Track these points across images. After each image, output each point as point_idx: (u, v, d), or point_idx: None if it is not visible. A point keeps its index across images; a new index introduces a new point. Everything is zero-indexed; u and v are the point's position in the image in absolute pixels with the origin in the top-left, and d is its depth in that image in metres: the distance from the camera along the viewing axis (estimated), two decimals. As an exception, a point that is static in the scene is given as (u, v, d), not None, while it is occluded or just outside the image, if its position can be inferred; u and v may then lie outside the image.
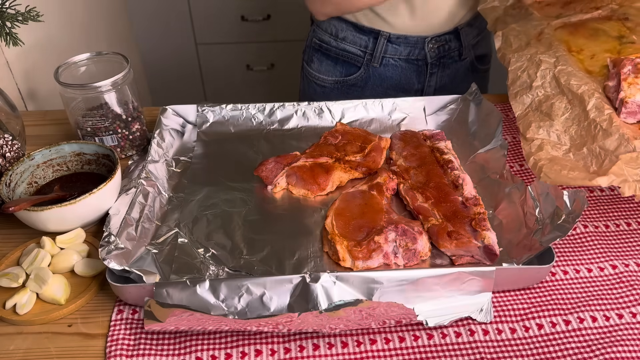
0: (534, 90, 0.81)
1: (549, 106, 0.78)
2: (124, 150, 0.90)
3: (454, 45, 1.10)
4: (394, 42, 1.07)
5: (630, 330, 0.63)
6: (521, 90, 0.82)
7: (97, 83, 0.83)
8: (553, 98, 0.79)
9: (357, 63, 1.11)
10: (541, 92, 0.81)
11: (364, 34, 1.08)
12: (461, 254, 0.71)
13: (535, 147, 0.75)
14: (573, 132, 0.75)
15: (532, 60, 0.84)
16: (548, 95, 0.80)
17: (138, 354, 0.62)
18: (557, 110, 0.78)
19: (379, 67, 1.11)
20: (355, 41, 1.09)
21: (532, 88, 0.81)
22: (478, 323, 0.65)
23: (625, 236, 0.76)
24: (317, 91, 1.18)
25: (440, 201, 0.76)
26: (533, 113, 0.79)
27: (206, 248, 0.73)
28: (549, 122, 0.77)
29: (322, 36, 1.13)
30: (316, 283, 0.62)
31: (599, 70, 0.81)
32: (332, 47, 1.12)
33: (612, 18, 0.89)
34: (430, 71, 1.12)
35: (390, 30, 1.07)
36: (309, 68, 1.18)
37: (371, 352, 0.62)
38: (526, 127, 0.78)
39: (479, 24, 1.13)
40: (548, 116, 0.78)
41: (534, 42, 0.88)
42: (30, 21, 0.81)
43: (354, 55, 1.11)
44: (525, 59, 0.85)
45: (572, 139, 0.75)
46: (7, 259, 0.72)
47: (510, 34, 0.91)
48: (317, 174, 0.82)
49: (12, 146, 0.80)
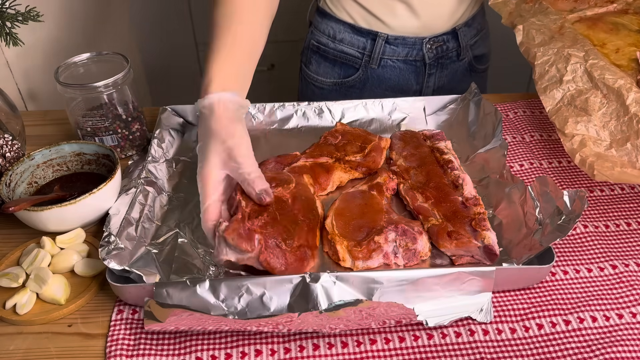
0: (564, 84, 0.80)
1: (584, 101, 0.77)
2: (124, 150, 0.90)
3: (452, 45, 1.10)
4: (392, 43, 1.07)
5: (630, 330, 0.63)
6: (550, 84, 0.82)
7: (97, 83, 0.83)
8: (587, 93, 0.78)
9: (355, 65, 1.11)
10: (573, 87, 0.80)
11: (362, 36, 1.08)
12: (461, 254, 0.71)
13: (577, 143, 0.74)
14: (612, 127, 0.74)
15: (560, 54, 0.83)
16: (581, 90, 0.79)
17: (138, 354, 0.62)
18: (593, 105, 0.77)
19: (377, 69, 1.11)
20: (353, 43, 1.09)
21: (563, 82, 0.81)
22: (478, 323, 0.65)
23: (625, 236, 0.76)
24: (315, 93, 1.18)
25: (440, 201, 0.76)
26: (566, 108, 0.79)
27: (206, 248, 0.73)
28: (587, 117, 0.76)
29: (320, 38, 1.13)
30: (316, 283, 0.62)
31: (627, 64, 0.81)
32: (330, 49, 1.12)
33: (628, 12, 0.89)
34: (428, 72, 1.12)
35: (388, 31, 1.07)
36: (307, 70, 1.18)
37: (371, 352, 0.62)
38: (563, 123, 0.77)
39: (477, 24, 1.13)
40: (584, 111, 0.77)
41: (558, 36, 0.87)
42: (30, 21, 0.81)
43: (352, 56, 1.11)
44: (552, 52, 0.84)
45: (612, 135, 0.74)
46: (7, 259, 0.72)
47: (532, 28, 0.90)
48: (317, 174, 0.82)
49: (12, 146, 0.80)
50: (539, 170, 0.87)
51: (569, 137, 0.75)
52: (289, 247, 0.67)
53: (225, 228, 0.66)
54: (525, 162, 0.89)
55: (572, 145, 0.74)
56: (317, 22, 1.13)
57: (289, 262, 0.67)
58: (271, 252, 0.66)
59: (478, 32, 1.14)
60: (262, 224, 0.68)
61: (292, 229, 0.69)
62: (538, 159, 0.90)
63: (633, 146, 0.71)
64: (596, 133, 0.75)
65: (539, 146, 0.93)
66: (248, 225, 0.67)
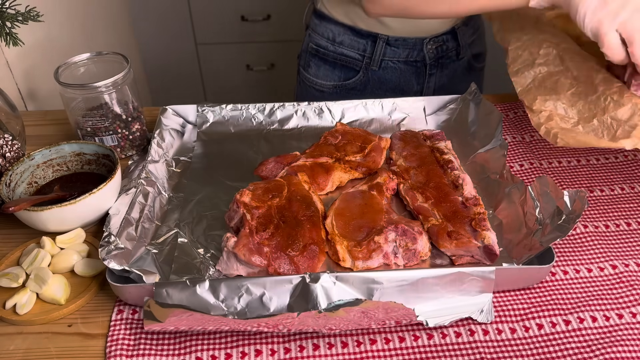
0: (536, 67, 0.82)
1: (554, 82, 0.79)
2: (124, 150, 0.90)
3: (451, 45, 1.11)
4: (393, 45, 1.07)
5: (630, 330, 0.63)
6: (522, 67, 0.84)
7: (97, 83, 0.83)
8: (557, 74, 0.80)
9: (355, 67, 1.11)
10: (544, 69, 0.82)
11: (362, 38, 1.08)
12: (461, 254, 0.71)
13: (544, 117, 0.76)
14: (580, 106, 0.76)
15: (534, 40, 0.85)
16: (552, 72, 0.81)
17: (138, 354, 0.62)
18: (563, 85, 0.79)
19: (378, 70, 1.11)
20: (354, 45, 1.09)
21: (535, 65, 0.83)
22: (478, 323, 0.65)
23: (625, 236, 0.76)
24: (315, 96, 1.17)
25: (440, 201, 0.76)
26: (537, 89, 0.81)
27: (206, 248, 0.73)
28: (555, 96, 0.78)
29: (318, 41, 1.12)
30: (316, 283, 0.62)
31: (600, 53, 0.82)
32: (330, 52, 1.11)
33: None
34: (429, 72, 1.12)
35: (388, 32, 1.06)
36: (305, 73, 1.17)
37: (371, 352, 0.62)
38: (531, 100, 0.79)
39: (474, 23, 1.14)
40: (554, 91, 0.79)
41: (533, 24, 0.89)
42: (30, 21, 0.81)
43: (352, 59, 1.10)
44: (527, 38, 0.86)
45: (579, 113, 0.76)
46: (7, 259, 0.72)
47: (507, 17, 0.92)
48: (317, 173, 0.82)
49: (12, 146, 0.80)
50: (539, 170, 0.87)
51: (537, 113, 0.78)
52: (296, 250, 0.68)
53: (235, 244, 0.68)
54: (525, 162, 0.89)
55: (539, 119, 0.77)
56: (315, 24, 1.13)
57: (298, 265, 0.68)
58: (279, 262, 0.68)
59: (475, 30, 1.15)
60: (269, 235, 0.69)
61: (296, 231, 0.70)
62: (538, 159, 0.90)
63: (599, 122, 0.73)
64: (564, 111, 0.77)
65: (539, 146, 0.93)
66: (257, 239, 0.68)
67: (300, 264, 0.68)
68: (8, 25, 0.79)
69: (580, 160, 0.89)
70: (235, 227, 0.74)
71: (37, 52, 1.18)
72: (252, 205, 0.73)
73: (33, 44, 1.14)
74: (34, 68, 1.17)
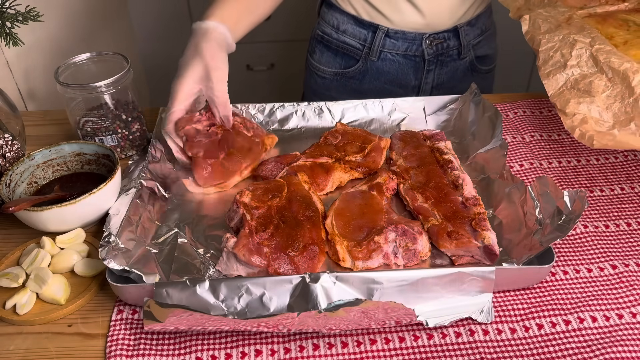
0: (568, 69, 0.81)
1: (588, 84, 0.78)
2: (124, 150, 0.90)
3: (452, 43, 1.11)
4: (392, 37, 1.09)
5: (630, 330, 0.63)
6: (554, 69, 0.82)
7: (97, 83, 0.83)
8: (591, 76, 0.78)
9: (355, 56, 1.13)
10: (577, 71, 0.80)
11: (364, 28, 1.09)
12: (461, 254, 0.71)
13: (578, 120, 0.74)
14: (616, 109, 0.75)
15: (565, 41, 0.84)
16: (585, 74, 0.79)
17: (138, 354, 0.62)
18: (597, 87, 0.77)
19: (376, 61, 1.12)
20: (355, 34, 1.11)
21: (567, 67, 0.81)
22: (478, 323, 0.65)
23: (625, 236, 0.76)
24: (317, 82, 1.19)
25: (440, 201, 0.76)
26: (569, 91, 0.79)
27: (206, 248, 0.73)
28: (590, 99, 0.76)
29: (324, 28, 1.15)
30: (316, 283, 0.62)
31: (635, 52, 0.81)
32: (333, 39, 1.14)
33: None
34: (427, 68, 1.12)
35: (389, 25, 1.08)
36: (311, 59, 1.20)
37: (371, 352, 0.62)
38: (564, 103, 0.77)
39: (481, 24, 1.13)
40: (587, 93, 0.77)
41: (565, 25, 0.87)
42: (30, 21, 0.81)
43: (353, 47, 1.12)
44: (558, 39, 0.85)
45: (615, 116, 0.74)
46: (7, 259, 0.72)
47: (538, 18, 0.90)
48: (317, 174, 0.82)
49: (12, 146, 0.80)
50: (539, 170, 0.87)
51: (570, 116, 0.76)
52: (296, 251, 0.68)
53: (235, 244, 0.68)
54: (525, 162, 0.89)
55: (573, 122, 0.75)
56: (324, 12, 1.16)
57: (298, 265, 0.68)
58: (279, 262, 0.68)
59: (482, 32, 1.14)
60: (269, 236, 0.69)
61: (296, 231, 0.70)
62: (538, 159, 0.90)
63: (637, 126, 0.71)
64: (599, 114, 0.75)
65: (539, 146, 0.93)
66: (257, 239, 0.68)
67: (300, 264, 0.68)
68: (8, 25, 0.79)
69: (580, 160, 0.89)
70: (235, 228, 0.74)
71: (37, 52, 1.18)
72: (252, 206, 0.73)
73: (33, 44, 1.14)
74: (34, 68, 1.17)
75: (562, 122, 0.77)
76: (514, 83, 2.15)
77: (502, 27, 1.28)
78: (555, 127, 0.97)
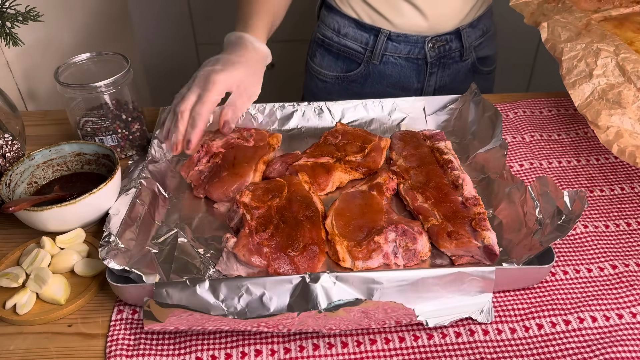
0: (595, 78, 0.80)
1: (617, 94, 0.77)
2: (124, 150, 0.90)
3: (454, 45, 1.10)
4: (394, 40, 1.08)
5: (630, 330, 0.63)
6: (579, 79, 0.81)
7: (97, 83, 0.83)
8: (619, 86, 0.78)
9: (357, 59, 1.12)
10: (603, 81, 0.79)
11: (365, 31, 1.09)
12: (461, 254, 0.71)
13: (613, 134, 0.74)
14: None
15: (589, 49, 0.83)
16: (612, 84, 0.78)
17: (138, 354, 0.62)
18: (627, 98, 0.76)
19: (378, 65, 1.11)
20: (357, 38, 1.10)
21: (593, 76, 0.80)
22: (478, 323, 0.65)
23: (625, 236, 0.76)
24: (318, 86, 1.19)
25: (440, 201, 0.76)
26: (597, 102, 0.78)
27: (206, 248, 0.73)
28: (621, 110, 0.75)
29: (325, 32, 1.14)
30: (316, 283, 0.62)
31: None
32: (334, 43, 1.13)
33: None
34: (429, 70, 1.12)
35: (391, 28, 1.07)
36: (312, 63, 1.20)
37: (371, 352, 0.62)
38: (595, 115, 0.76)
39: (483, 26, 1.13)
40: (618, 104, 0.76)
41: (585, 32, 0.86)
42: (30, 21, 0.81)
43: (354, 51, 1.12)
44: (581, 48, 0.84)
45: None
46: (7, 259, 0.72)
47: (557, 25, 0.90)
48: (318, 174, 0.82)
49: (12, 146, 0.80)
50: (539, 170, 0.87)
51: (603, 129, 0.75)
52: (296, 251, 0.68)
53: (235, 244, 0.68)
54: (525, 162, 0.89)
55: (608, 136, 0.74)
56: (324, 15, 1.15)
57: (298, 265, 0.68)
58: (279, 262, 0.68)
59: (484, 33, 1.14)
60: (269, 236, 0.69)
61: (296, 231, 0.70)
62: (538, 159, 0.90)
63: None
64: (631, 126, 0.74)
65: (539, 146, 0.93)
66: (257, 239, 0.68)
67: (300, 264, 0.68)
68: (8, 25, 0.79)
69: (580, 160, 0.89)
70: (235, 228, 0.75)
71: (37, 52, 1.18)
72: (252, 206, 0.73)
73: (33, 44, 1.14)
74: (34, 68, 1.17)
75: (597, 135, 0.75)
76: (514, 83, 2.15)
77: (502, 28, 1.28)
78: (555, 127, 0.97)
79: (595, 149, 0.92)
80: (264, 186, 0.77)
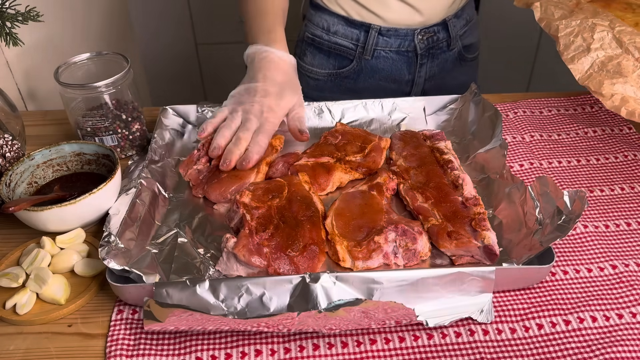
0: (593, 52, 0.82)
1: (616, 65, 0.79)
2: (124, 150, 0.90)
3: (442, 36, 1.13)
4: (385, 35, 1.09)
5: (630, 330, 0.63)
6: (578, 53, 0.83)
7: (97, 83, 0.83)
8: (617, 57, 0.80)
9: (349, 56, 1.13)
10: (602, 54, 0.82)
11: (355, 28, 1.10)
12: (461, 254, 0.71)
13: (619, 100, 0.76)
14: None
15: (584, 25, 0.85)
16: (611, 56, 0.81)
17: (138, 354, 0.62)
18: (627, 67, 0.79)
19: (370, 60, 1.13)
20: (347, 35, 1.11)
21: (591, 50, 0.82)
22: (478, 323, 0.65)
23: (625, 236, 0.76)
24: (310, 84, 1.20)
25: (440, 201, 0.76)
26: (598, 73, 0.81)
27: (206, 248, 0.73)
28: (622, 79, 0.78)
29: (314, 30, 1.15)
30: (316, 283, 0.62)
31: None
32: (325, 41, 1.14)
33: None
34: (420, 62, 1.14)
35: (381, 23, 1.09)
36: (301, 62, 1.20)
37: (371, 352, 0.62)
38: (598, 85, 0.79)
39: (466, 15, 1.16)
40: (618, 74, 0.79)
41: (577, 10, 0.89)
42: (30, 21, 0.81)
43: (346, 48, 1.13)
44: (576, 24, 0.86)
45: None
46: (7, 259, 0.72)
47: (549, 4, 0.92)
48: (318, 174, 0.82)
49: (12, 146, 0.80)
50: (539, 170, 0.87)
51: (608, 97, 0.77)
52: (296, 251, 0.68)
53: (235, 244, 0.68)
54: (525, 162, 0.89)
55: (614, 102, 0.76)
56: (311, 15, 1.16)
57: (298, 266, 0.68)
58: (279, 263, 0.68)
59: (467, 22, 1.17)
60: (269, 236, 0.69)
61: (296, 232, 0.70)
62: (538, 159, 0.90)
63: None
64: (634, 94, 0.77)
65: (539, 146, 0.93)
66: (257, 239, 0.68)
67: (300, 264, 0.68)
68: (8, 25, 0.79)
69: (580, 160, 0.89)
70: (235, 228, 0.75)
71: (37, 52, 1.18)
72: (252, 206, 0.73)
73: (33, 44, 1.14)
74: (34, 68, 1.17)
75: (602, 103, 0.78)
76: (514, 83, 2.15)
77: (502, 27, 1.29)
78: (555, 127, 0.97)
79: (595, 149, 0.92)
80: (264, 186, 0.77)
